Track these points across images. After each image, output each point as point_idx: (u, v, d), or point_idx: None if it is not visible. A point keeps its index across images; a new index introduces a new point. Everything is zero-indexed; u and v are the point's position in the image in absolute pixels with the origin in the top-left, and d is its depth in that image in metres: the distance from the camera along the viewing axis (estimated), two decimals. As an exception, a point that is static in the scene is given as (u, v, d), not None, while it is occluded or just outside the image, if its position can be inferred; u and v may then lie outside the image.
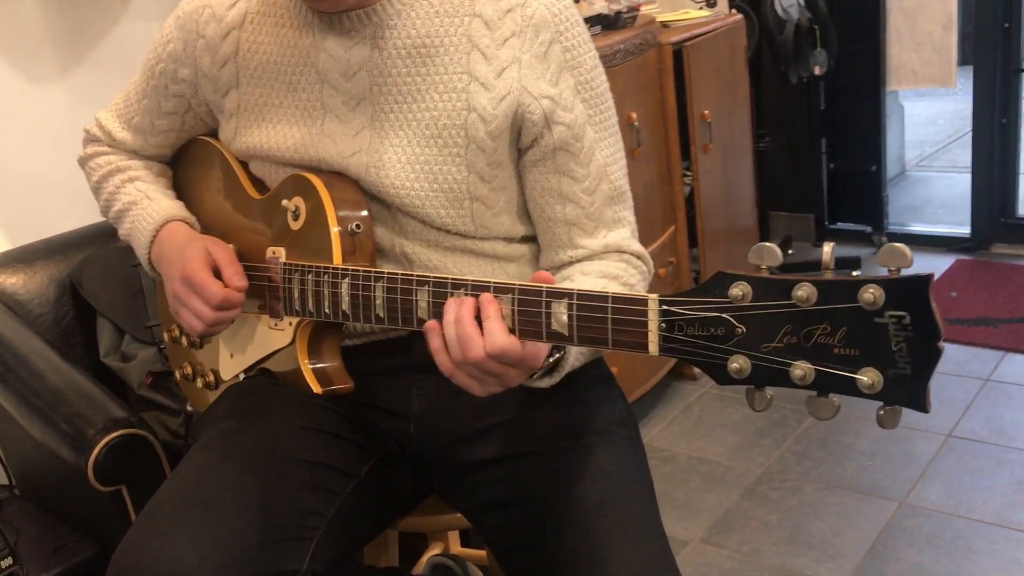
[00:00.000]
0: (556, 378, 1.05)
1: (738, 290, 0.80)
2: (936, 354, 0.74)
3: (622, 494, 1.08)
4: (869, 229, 3.64)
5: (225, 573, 0.95)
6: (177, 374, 1.39)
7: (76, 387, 1.56)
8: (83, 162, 1.37)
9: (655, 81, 2.57)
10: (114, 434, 1.44)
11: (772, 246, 0.80)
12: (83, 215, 1.93)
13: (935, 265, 3.40)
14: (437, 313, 0.97)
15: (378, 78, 1.13)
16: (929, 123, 5.43)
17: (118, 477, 1.45)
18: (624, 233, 1.19)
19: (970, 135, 3.46)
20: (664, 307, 0.84)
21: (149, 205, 1.26)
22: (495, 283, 0.94)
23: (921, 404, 0.75)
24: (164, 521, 1.00)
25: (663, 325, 0.85)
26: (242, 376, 1.24)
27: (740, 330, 0.81)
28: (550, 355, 1.01)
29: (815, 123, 3.54)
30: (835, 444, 2.42)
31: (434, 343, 0.96)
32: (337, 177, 1.14)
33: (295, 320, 1.13)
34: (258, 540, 0.99)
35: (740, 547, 2.08)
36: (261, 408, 1.15)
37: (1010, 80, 3.36)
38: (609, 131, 1.18)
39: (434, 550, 1.62)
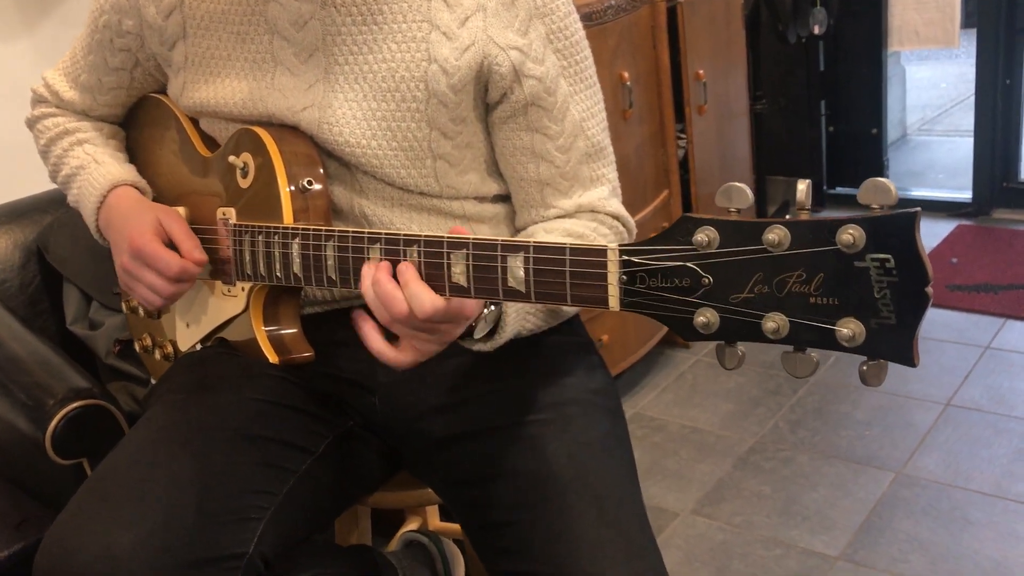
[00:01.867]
0: (500, 339, 0.99)
1: (704, 235, 0.73)
2: (924, 301, 0.66)
3: (599, 469, 1.02)
4: (869, 194, 3.57)
5: (160, 559, 0.89)
6: (137, 346, 1.32)
7: (37, 356, 1.50)
8: (31, 124, 1.30)
9: (648, 39, 2.49)
10: (74, 405, 1.37)
11: (742, 186, 0.73)
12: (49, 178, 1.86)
13: (936, 231, 3.33)
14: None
15: (331, 27, 1.05)
16: (931, 87, 5.33)
17: (79, 450, 1.39)
18: (602, 192, 1.11)
19: (973, 99, 3.38)
20: (625, 257, 0.77)
21: (96, 170, 1.19)
22: (448, 237, 0.87)
23: (908, 357, 0.68)
24: (95, 504, 0.93)
25: (624, 277, 0.77)
26: (199, 347, 1.17)
27: (707, 280, 0.73)
28: (484, 308, 0.97)
29: (814, 84, 3.46)
30: (831, 413, 2.37)
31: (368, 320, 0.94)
32: (289, 131, 1.07)
33: (247, 285, 1.06)
34: (198, 523, 0.92)
35: (732, 518, 2.03)
36: (211, 380, 1.09)
37: (1015, 41, 3.27)
38: (585, 83, 1.10)
39: (410, 525, 1.56)
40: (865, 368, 0.69)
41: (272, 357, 1.06)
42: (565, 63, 1.07)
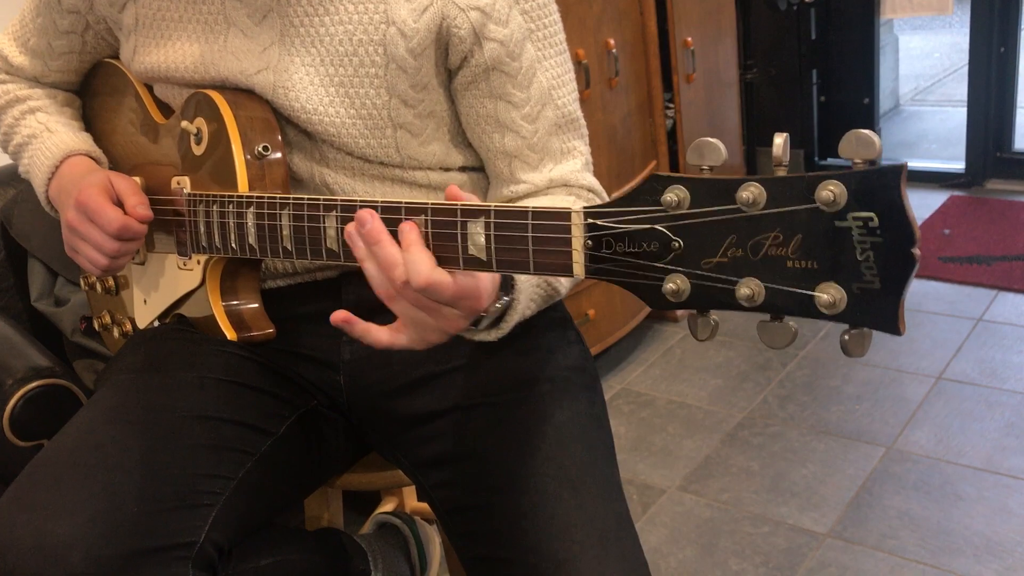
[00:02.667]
0: (504, 329, 0.91)
1: (673, 195, 0.67)
2: (910, 264, 0.60)
3: (574, 450, 0.97)
4: (860, 165, 3.52)
5: (100, 549, 0.83)
6: (96, 324, 1.27)
7: (-2, 334, 1.44)
8: None
9: (634, 5, 2.42)
10: (33, 384, 1.32)
11: (714, 141, 0.67)
12: None
13: (928, 202, 3.29)
14: (346, 241, 0.84)
15: None
16: (925, 56, 5.27)
17: (38, 431, 1.33)
18: (574, 165, 1.05)
19: (967, 68, 3.33)
20: (590, 220, 0.71)
21: (49, 139, 1.13)
22: (406, 203, 0.81)
23: (892, 325, 0.61)
24: (35, 491, 0.88)
25: (589, 242, 0.72)
26: (157, 324, 1.12)
27: (676, 244, 0.67)
28: (498, 300, 0.88)
29: (805, 53, 3.40)
30: (821, 388, 2.33)
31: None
32: (245, 95, 1.01)
33: (203, 258, 1.01)
34: (144, 509, 0.87)
35: (719, 495, 1.99)
36: (163, 359, 1.03)
37: (1009, 8, 3.22)
38: (555, 48, 1.03)
39: (386, 506, 1.51)
40: (847, 337, 0.63)
41: (230, 334, 1.01)
42: (532, 25, 1.01)
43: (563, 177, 1.04)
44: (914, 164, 3.62)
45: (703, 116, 2.75)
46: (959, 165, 3.42)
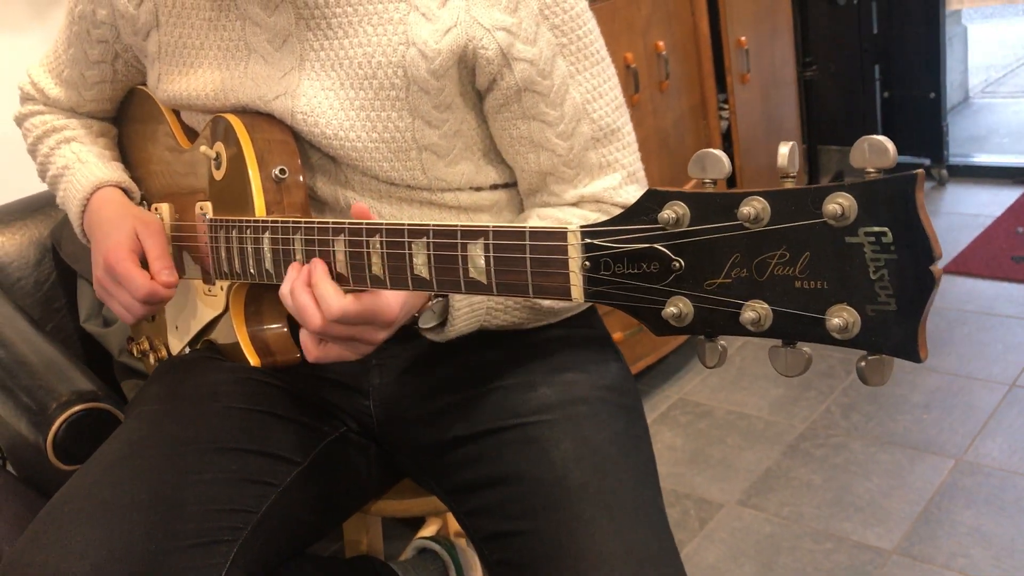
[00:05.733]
0: (449, 333, 0.94)
1: (672, 212, 0.63)
2: (929, 283, 0.54)
3: (611, 473, 0.94)
4: (928, 162, 3.40)
5: None
6: (135, 349, 1.27)
7: (44, 358, 1.45)
8: (19, 121, 1.25)
9: (684, 5, 2.37)
10: (74, 409, 1.32)
11: (718, 153, 0.62)
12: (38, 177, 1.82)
13: (1000, 199, 3.16)
14: (355, 265, 0.84)
15: (303, 10, 0.97)
16: (996, 46, 5.08)
17: (81, 455, 1.34)
18: (612, 181, 1.01)
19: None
20: (588, 240, 0.67)
21: (81, 170, 1.14)
22: (409, 225, 0.79)
23: (912, 351, 0.56)
24: (52, 530, 0.87)
25: (587, 264, 0.68)
26: (188, 350, 1.11)
27: (677, 264, 0.63)
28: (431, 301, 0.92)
29: (867, 48, 3.30)
30: (886, 397, 2.24)
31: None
32: (264, 118, 0.99)
33: (226, 284, 0.99)
34: (161, 548, 0.85)
35: (780, 509, 1.93)
36: (187, 389, 1.02)
37: (1084, -7, 3.08)
38: (590, 59, 0.99)
39: (428, 529, 1.49)
40: (864, 364, 0.58)
41: (254, 360, 0.99)
42: (564, 40, 0.97)
43: (595, 194, 1.00)
44: (984, 159, 3.49)
45: (759, 117, 2.68)
46: (1033, 159, 3.29)
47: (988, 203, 3.16)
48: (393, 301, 0.86)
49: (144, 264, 1.04)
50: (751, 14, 2.59)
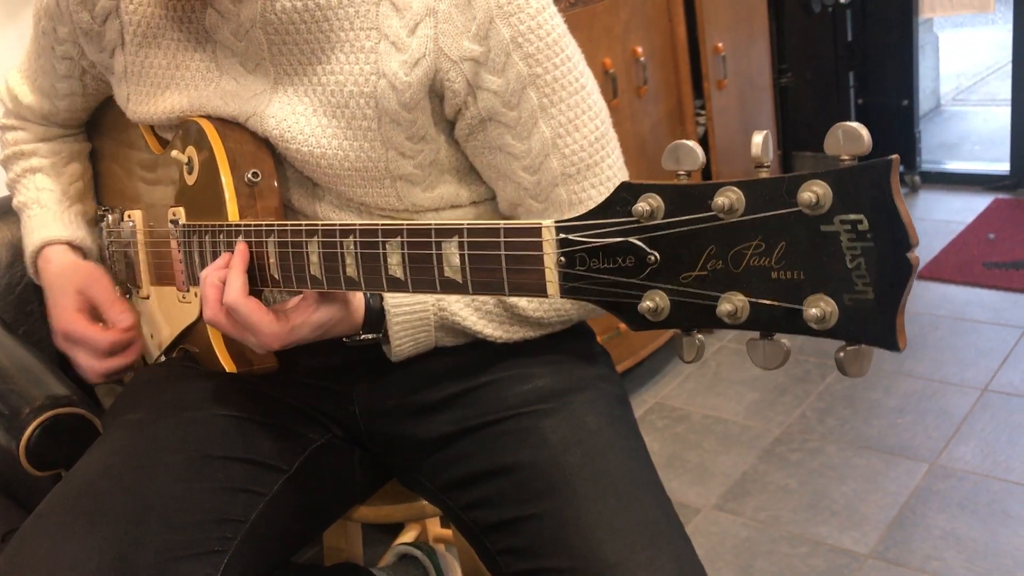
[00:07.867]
0: (395, 353, 0.96)
1: (646, 204, 0.62)
2: (907, 270, 0.54)
3: (610, 453, 0.94)
4: (901, 168, 3.44)
5: None
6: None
7: (17, 361, 1.42)
8: None
9: (663, 11, 2.38)
10: (48, 414, 1.30)
11: (691, 144, 0.62)
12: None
13: (972, 205, 3.20)
14: (329, 267, 0.82)
15: (274, 36, 0.94)
16: (968, 54, 5.14)
17: (55, 461, 1.32)
18: None
19: (1010, 66, 3.23)
20: (562, 235, 0.67)
21: (36, 217, 1.15)
22: (383, 226, 0.78)
23: (891, 340, 0.55)
24: (41, 540, 0.86)
25: (562, 259, 0.67)
26: (163, 359, 1.10)
27: (652, 257, 0.63)
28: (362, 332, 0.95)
29: (841, 55, 3.33)
30: (861, 401, 2.26)
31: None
32: (236, 124, 0.98)
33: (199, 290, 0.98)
34: (153, 560, 0.84)
35: (756, 514, 1.94)
36: (169, 397, 1.01)
37: (1054, 3, 3.12)
38: (566, 89, 0.93)
39: (407, 535, 1.48)
40: (843, 355, 0.57)
41: (229, 366, 0.97)
42: (538, 69, 0.91)
43: None
44: (956, 166, 3.53)
45: (736, 122, 2.70)
46: (1004, 167, 3.32)
47: (960, 210, 3.20)
48: (273, 330, 0.86)
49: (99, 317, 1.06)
50: (728, 21, 2.60)
